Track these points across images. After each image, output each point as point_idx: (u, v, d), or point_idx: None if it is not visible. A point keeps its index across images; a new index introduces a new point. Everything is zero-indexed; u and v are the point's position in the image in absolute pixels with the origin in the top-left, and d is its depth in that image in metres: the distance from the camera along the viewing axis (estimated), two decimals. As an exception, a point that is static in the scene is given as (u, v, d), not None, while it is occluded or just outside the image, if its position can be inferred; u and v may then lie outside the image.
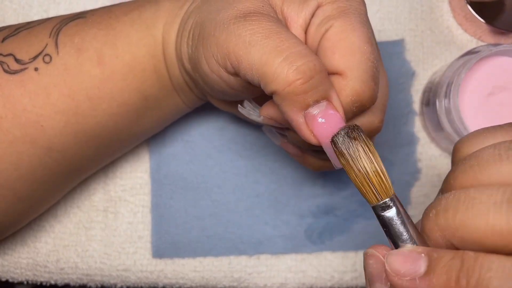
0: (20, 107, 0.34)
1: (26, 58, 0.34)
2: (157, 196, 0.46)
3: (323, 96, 0.28)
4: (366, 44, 0.29)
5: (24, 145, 0.34)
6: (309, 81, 0.27)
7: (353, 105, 0.30)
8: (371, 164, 0.26)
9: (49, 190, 0.38)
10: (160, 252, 0.45)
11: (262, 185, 0.46)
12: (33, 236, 0.46)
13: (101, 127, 0.36)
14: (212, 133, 0.46)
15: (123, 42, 0.35)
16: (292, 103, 0.28)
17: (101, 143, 0.37)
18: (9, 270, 0.46)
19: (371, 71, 0.29)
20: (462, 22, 0.45)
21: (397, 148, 0.45)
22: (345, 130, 0.27)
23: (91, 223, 0.46)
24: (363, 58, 0.29)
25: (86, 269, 0.45)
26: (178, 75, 0.36)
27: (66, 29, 0.35)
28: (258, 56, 0.28)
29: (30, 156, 0.35)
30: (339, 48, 0.29)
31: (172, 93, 0.37)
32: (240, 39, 0.28)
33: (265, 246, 0.45)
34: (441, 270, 0.22)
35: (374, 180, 0.25)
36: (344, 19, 0.30)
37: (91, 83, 0.34)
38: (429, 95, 0.43)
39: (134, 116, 0.37)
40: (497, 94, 0.41)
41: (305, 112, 0.28)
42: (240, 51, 0.28)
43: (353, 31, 0.29)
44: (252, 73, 0.28)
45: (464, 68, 0.39)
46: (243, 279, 0.45)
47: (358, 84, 0.29)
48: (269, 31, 0.28)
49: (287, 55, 0.27)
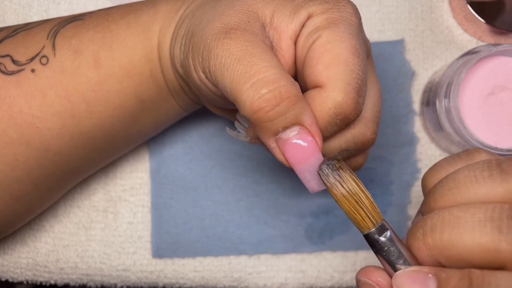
0: (16, 108, 0.34)
1: (23, 59, 0.34)
2: (157, 196, 0.45)
3: (294, 122, 0.28)
4: (352, 55, 0.29)
5: (20, 147, 0.34)
6: (274, 109, 0.27)
7: (336, 117, 0.29)
8: (362, 191, 0.26)
9: (46, 191, 0.38)
10: (160, 252, 0.45)
11: (262, 185, 0.46)
12: (33, 236, 0.46)
13: (98, 129, 0.36)
14: (212, 133, 0.46)
15: (120, 45, 0.35)
16: (261, 129, 0.28)
17: (97, 145, 0.37)
18: (9, 270, 0.46)
19: (355, 83, 0.29)
20: (462, 22, 0.45)
21: (397, 148, 0.45)
22: (329, 162, 0.27)
23: (91, 223, 0.46)
24: (346, 69, 0.28)
25: (86, 269, 0.45)
26: (173, 79, 0.36)
27: (64, 31, 0.35)
28: (229, 81, 0.28)
29: (27, 158, 0.35)
30: (323, 59, 0.29)
31: (168, 97, 0.37)
32: (217, 60, 0.28)
33: (265, 246, 0.45)
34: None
35: (368, 205, 0.26)
36: (333, 29, 0.29)
37: (87, 85, 0.34)
38: (429, 95, 0.43)
39: (130, 119, 0.37)
40: (497, 94, 0.41)
41: (276, 138, 0.28)
42: (217, 71, 0.28)
43: (340, 42, 0.29)
44: (227, 95, 0.28)
45: (464, 68, 0.39)
46: (243, 279, 0.45)
47: (340, 96, 0.28)
48: (243, 53, 0.28)
49: (254, 82, 0.27)
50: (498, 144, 0.40)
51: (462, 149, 0.42)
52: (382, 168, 0.45)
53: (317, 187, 0.28)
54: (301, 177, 0.28)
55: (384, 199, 0.45)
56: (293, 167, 0.28)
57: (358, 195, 0.26)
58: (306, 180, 0.28)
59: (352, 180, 0.26)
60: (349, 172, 0.27)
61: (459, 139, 0.40)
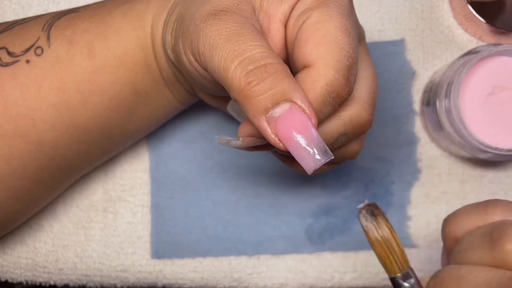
0: (11, 100, 0.34)
1: (19, 50, 0.34)
2: (157, 196, 0.45)
3: (283, 98, 0.27)
4: (342, 34, 0.28)
5: (16, 139, 0.34)
6: (260, 83, 0.26)
7: (329, 95, 0.28)
8: (394, 239, 0.29)
9: (43, 187, 0.38)
10: (159, 252, 0.45)
11: (262, 185, 0.46)
12: (33, 236, 0.45)
13: (93, 122, 0.36)
14: (212, 133, 0.46)
15: (114, 34, 0.35)
16: (251, 107, 0.27)
17: (93, 139, 0.37)
18: (8, 271, 0.46)
19: (346, 61, 0.28)
20: (463, 22, 0.45)
21: (397, 148, 0.45)
22: (368, 207, 0.29)
23: (91, 223, 0.46)
24: (336, 47, 0.28)
25: (85, 270, 0.45)
26: (167, 68, 0.36)
27: (59, 23, 0.35)
28: (217, 61, 0.27)
29: (22, 151, 0.35)
30: (312, 38, 0.29)
31: (163, 88, 0.37)
32: (206, 40, 0.28)
33: (265, 246, 0.45)
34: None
35: (398, 252, 0.29)
36: (323, 9, 0.29)
37: (82, 76, 0.34)
38: (429, 95, 0.43)
39: (126, 112, 0.37)
40: (497, 94, 0.41)
41: (267, 116, 0.27)
42: (206, 52, 0.28)
43: (330, 21, 0.29)
44: (216, 76, 0.28)
45: (465, 68, 0.39)
46: (243, 279, 0.45)
47: (330, 73, 0.28)
48: (232, 32, 0.28)
49: (241, 60, 0.27)
50: (499, 144, 0.40)
51: (462, 149, 0.42)
52: (382, 168, 0.45)
53: (313, 164, 0.27)
54: (296, 155, 0.27)
55: (384, 199, 0.45)
56: (287, 146, 0.27)
57: (390, 242, 0.29)
58: (301, 158, 0.27)
59: (387, 227, 0.29)
60: (385, 219, 0.29)
61: (459, 139, 0.40)
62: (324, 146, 0.27)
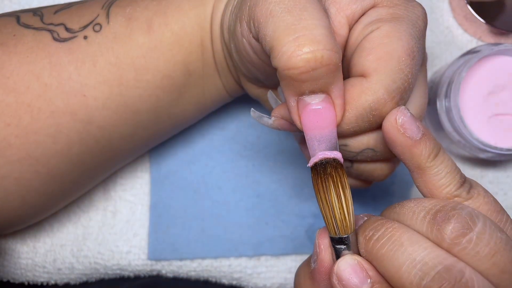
0: (65, 75, 0.33)
1: (77, 27, 0.34)
2: (157, 195, 0.45)
3: (322, 89, 0.27)
4: (406, 56, 0.28)
5: (64, 117, 0.34)
6: (309, 72, 0.26)
7: (370, 112, 0.28)
8: (338, 200, 0.27)
9: (83, 173, 0.37)
10: (156, 253, 0.45)
11: (263, 185, 0.46)
12: (33, 236, 0.45)
13: (143, 102, 0.35)
14: (212, 133, 0.46)
15: (174, 11, 0.35)
16: (288, 85, 0.27)
17: (140, 121, 0.36)
18: (9, 271, 0.46)
19: (400, 83, 0.28)
20: (462, 22, 0.45)
21: (397, 148, 0.45)
22: (324, 161, 0.28)
23: (90, 222, 0.45)
24: (396, 67, 0.28)
25: (83, 269, 0.45)
26: (220, 51, 0.35)
27: (119, 1, 0.35)
28: (272, 29, 0.26)
29: (69, 129, 0.34)
30: (376, 51, 0.28)
31: (214, 72, 0.37)
32: (265, 6, 0.27)
33: (265, 246, 0.45)
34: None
35: (337, 215, 0.27)
36: (395, 24, 0.28)
37: (138, 51, 0.34)
38: (429, 94, 0.43)
39: (176, 92, 0.36)
40: (497, 94, 0.41)
41: (299, 98, 0.27)
42: (261, 18, 0.27)
43: (398, 40, 0.28)
44: (265, 43, 0.27)
45: (465, 68, 0.39)
46: (243, 279, 0.45)
47: (381, 90, 0.28)
48: (294, 3, 0.26)
49: (299, 36, 0.26)
50: (498, 143, 0.40)
51: (462, 149, 0.42)
52: (382, 168, 0.45)
53: (315, 158, 0.28)
54: (309, 143, 0.28)
55: (385, 199, 0.45)
56: (305, 131, 0.28)
57: (332, 204, 0.27)
58: (312, 148, 0.28)
59: (334, 187, 0.28)
60: (336, 180, 0.28)
61: (459, 139, 0.40)
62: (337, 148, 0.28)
